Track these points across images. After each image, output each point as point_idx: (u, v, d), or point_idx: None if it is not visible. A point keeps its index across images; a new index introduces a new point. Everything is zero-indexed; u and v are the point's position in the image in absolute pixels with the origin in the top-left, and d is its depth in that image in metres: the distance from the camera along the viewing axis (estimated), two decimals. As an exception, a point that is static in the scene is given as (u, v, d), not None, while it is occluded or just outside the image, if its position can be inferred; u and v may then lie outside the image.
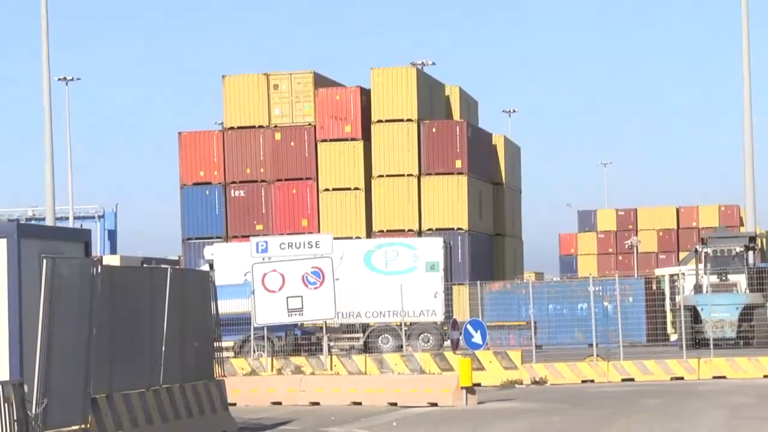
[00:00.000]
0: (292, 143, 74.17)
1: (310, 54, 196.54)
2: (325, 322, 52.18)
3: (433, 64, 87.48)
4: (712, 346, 50.29)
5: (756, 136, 69.96)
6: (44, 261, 25.63)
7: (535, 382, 46.91)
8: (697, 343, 52.95)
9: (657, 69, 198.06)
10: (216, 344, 34.76)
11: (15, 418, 24.19)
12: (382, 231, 71.32)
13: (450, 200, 73.55)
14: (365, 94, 74.89)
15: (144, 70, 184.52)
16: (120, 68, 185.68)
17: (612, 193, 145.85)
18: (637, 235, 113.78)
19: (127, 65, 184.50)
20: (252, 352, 51.73)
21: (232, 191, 74.14)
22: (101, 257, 52.74)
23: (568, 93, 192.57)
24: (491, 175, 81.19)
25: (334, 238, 55.13)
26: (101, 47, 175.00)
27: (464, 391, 38.37)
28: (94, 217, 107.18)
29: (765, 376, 46.55)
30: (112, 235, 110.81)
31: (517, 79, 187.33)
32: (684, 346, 50.58)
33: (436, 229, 70.43)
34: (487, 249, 78.09)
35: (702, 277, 59.98)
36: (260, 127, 74.47)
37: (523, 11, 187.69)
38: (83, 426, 26.12)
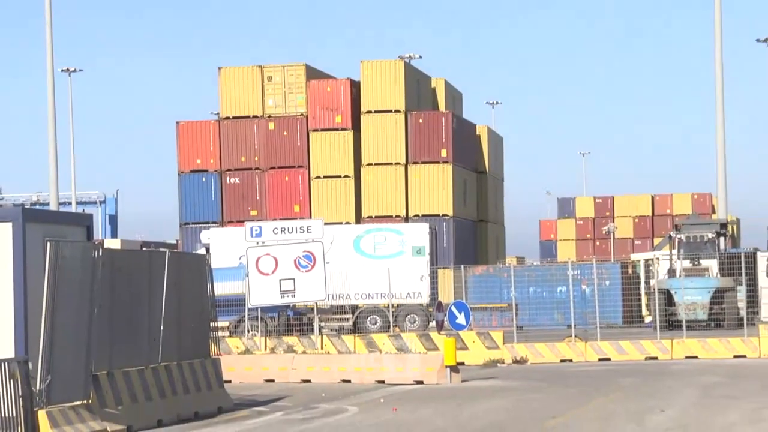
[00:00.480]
0: (285, 133, 74.11)
1: (303, 47, 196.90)
2: (316, 303, 52.07)
3: (420, 57, 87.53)
4: (684, 328, 50.30)
5: (727, 128, 70.07)
6: (48, 244, 25.50)
7: (516, 362, 46.84)
8: (671, 324, 52.93)
9: (634, 62, 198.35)
10: (212, 324, 34.71)
11: (20, 393, 24.13)
12: (370, 217, 71.26)
13: (435, 188, 73.51)
14: (355, 86, 74.86)
15: (143, 63, 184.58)
16: (120, 61, 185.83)
17: (590, 181, 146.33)
18: (613, 222, 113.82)
19: (128, 58, 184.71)
20: (246, 331, 51.71)
21: (228, 178, 74.08)
22: (102, 241, 52.75)
23: (548, 85, 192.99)
24: (475, 164, 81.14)
25: (325, 224, 54.98)
26: (103, 40, 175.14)
27: (448, 369, 38.28)
28: (95, 203, 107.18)
29: (735, 357, 46.54)
30: (113, 220, 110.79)
31: (500, 72, 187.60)
32: (658, 327, 50.59)
33: (423, 216, 70.33)
34: (470, 234, 78.04)
35: (675, 262, 60.00)
36: (254, 117, 74.39)
37: (506, 9, 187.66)
38: (85, 401, 26.04)
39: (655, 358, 46.84)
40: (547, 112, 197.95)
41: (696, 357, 46.68)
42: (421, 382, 37.87)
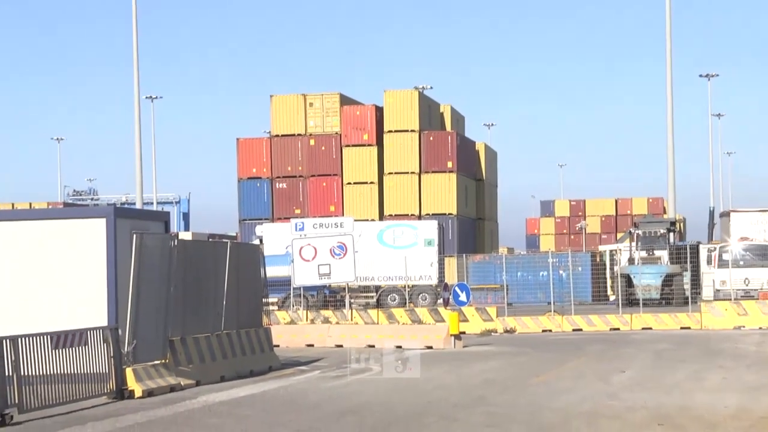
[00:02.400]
0: (323, 148, 74.11)
1: (337, 79, 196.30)
2: (347, 283, 52.03)
3: (431, 87, 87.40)
4: (641, 305, 50.21)
5: (676, 145, 70.00)
6: (134, 236, 25.54)
7: (506, 331, 46.78)
8: (630, 302, 52.77)
9: (601, 93, 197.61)
10: (264, 300, 34.77)
11: (112, 354, 24.17)
12: (390, 215, 71.19)
13: (443, 192, 73.43)
14: (379, 111, 74.81)
15: (212, 91, 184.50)
16: (193, 90, 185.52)
17: (566, 187, 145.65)
18: (585, 220, 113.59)
19: (199, 87, 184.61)
20: (291, 306, 51.70)
21: (277, 184, 74.07)
22: (177, 233, 52.71)
23: (534, 110, 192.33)
24: (474, 173, 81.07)
25: (355, 221, 54.97)
26: (178, 73, 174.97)
27: (453, 337, 38.26)
28: (172, 202, 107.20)
29: (681, 328, 46.43)
30: (186, 217, 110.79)
31: (496, 99, 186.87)
32: (620, 304, 50.44)
33: (432, 214, 70.23)
34: (470, 229, 77.97)
35: (634, 252, 59.84)
36: (298, 135, 74.36)
37: (502, 49, 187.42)
38: (163, 361, 26.07)
39: (618, 329, 46.74)
40: (531, 132, 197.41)
41: (650, 328, 46.58)
42: (431, 347, 37.83)
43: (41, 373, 21.95)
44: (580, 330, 46.96)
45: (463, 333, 40.27)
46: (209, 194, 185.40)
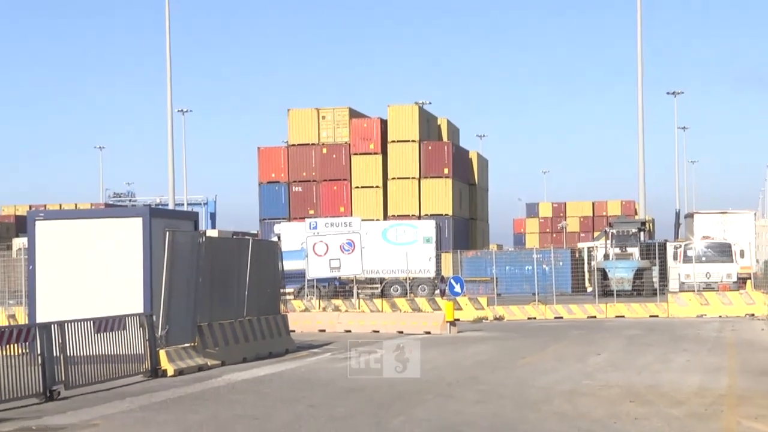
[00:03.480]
0: (334, 156, 74.09)
1: (347, 95, 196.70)
2: (355, 276, 52.10)
3: (430, 102, 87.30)
4: (615, 296, 50.20)
5: (646, 154, 70.18)
6: (167, 233, 25.57)
7: (496, 318, 46.85)
8: (605, 293, 52.78)
9: (579, 107, 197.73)
10: (281, 290, 34.79)
11: (147, 338, 24.22)
12: (393, 215, 71.10)
13: (440, 195, 73.40)
14: (383, 123, 74.78)
15: (236, 106, 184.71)
16: (219, 103, 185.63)
17: (549, 191, 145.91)
18: (565, 220, 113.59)
19: (224, 100, 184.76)
20: (306, 296, 51.72)
21: (293, 187, 74.06)
22: (205, 231, 52.91)
23: (520, 123, 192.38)
24: (468, 179, 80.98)
25: (362, 220, 54.95)
26: (207, 90, 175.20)
27: (448, 323, 38.27)
28: (200, 204, 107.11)
29: (650, 316, 46.51)
30: (213, 216, 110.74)
31: (487, 114, 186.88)
32: (596, 295, 50.54)
33: (430, 215, 70.13)
34: (464, 228, 77.90)
35: (609, 249, 59.90)
36: (312, 144, 74.34)
37: (493, 71, 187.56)
38: (192, 344, 26.10)
39: (594, 317, 46.82)
40: (518, 142, 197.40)
41: (623, 316, 46.65)
42: (429, 333, 37.87)
43: (85, 354, 22.02)
44: (561, 318, 47.03)
45: (458, 320, 40.25)
46: (233, 196, 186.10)
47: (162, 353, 24.63)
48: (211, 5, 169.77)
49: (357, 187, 73.81)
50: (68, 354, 21.36)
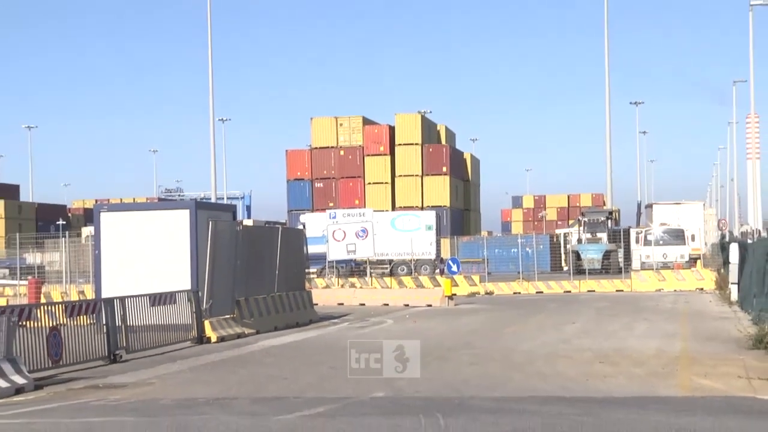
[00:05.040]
0: (350, 157, 74.23)
1: (360, 104, 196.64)
2: (368, 258, 52.19)
3: (431, 111, 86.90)
4: (587, 273, 50.09)
5: (613, 154, 70.12)
6: (210, 222, 25.60)
7: (487, 293, 46.79)
8: (579, 271, 52.62)
9: (558, 113, 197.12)
10: (306, 270, 34.83)
11: (194, 310, 24.28)
12: (400, 207, 71.26)
13: (439, 190, 73.54)
14: (391, 129, 74.96)
15: (267, 114, 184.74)
16: (255, 111, 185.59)
17: (532, 186, 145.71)
18: (545, 210, 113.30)
19: (258, 109, 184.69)
20: (326, 275, 51.80)
21: (315, 183, 74.22)
22: (242, 220, 53.06)
23: (507, 128, 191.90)
24: (463, 176, 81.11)
25: (373, 211, 55.09)
26: (243, 100, 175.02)
27: (447, 298, 38.25)
28: (238, 198, 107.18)
29: (617, 291, 46.38)
30: (248, 208, 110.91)
31: (479, 119, 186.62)
32: (571, 273, 50.40)
33: (432, 206, 70.26)
34: (460, 218, 78.03)
35: (582, 234, 59.83)
36: (332, 147, 74.51)
37: (484, 84, 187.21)
38: (231, 315, 26.15)
39: (570, 292, 46.73)
40: (505, 145, 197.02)
41: (594, 291, 46.56)
42: (430, 305, 37.85)
43: (142, 324, 22.08)
44: (542, 292, 46.96)
45: (455, 295, 40.27)
46: (265, 191, 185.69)
47: (206, 323, 24.69)
48: (248, 31, 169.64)
49: (369, 183, 73.95)
50: (128, 324, 21.42)
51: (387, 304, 38.75)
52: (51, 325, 19.14)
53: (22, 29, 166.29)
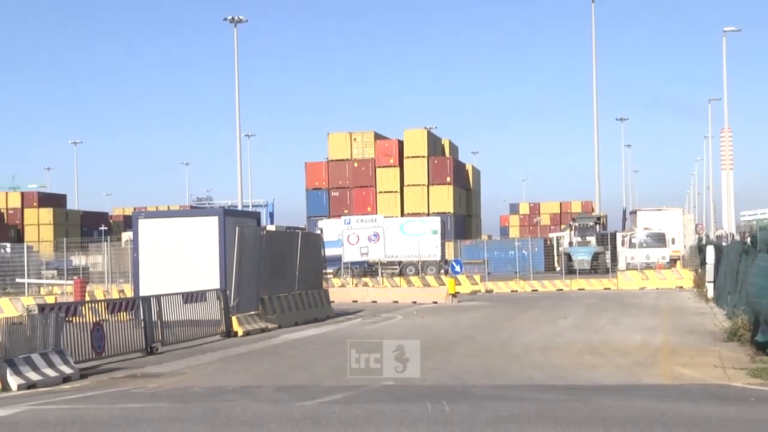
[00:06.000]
0: (363, 168, 74.11)
1: (372, 120, 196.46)
2: (379, 259, 52.17)
3: (435, 127, 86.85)
4: (577, 273, 50.17)
5: (601, 165, 70.02)
6: (237, 228, 25.65)
7: (487, 291, 46.78)
8: (570, 271, 52.62)
9: (556, 128, 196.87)
10: (323, 271, 34.86)
11: (222, 307, 24.30)
12: (409, 213, 71.11)
13: (443, 198, 73.35)
14: (400, 143, 74.79)
15: (288, 130, 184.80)
16: (277, 128, 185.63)
17: (527, 194, 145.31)
18: (539, 216, 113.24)
19: (280, 125, 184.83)
20: (342, 275, 51.78)
21: (332, 192, 74.10)
22: (265, 226, 53.12)
23: (505, 142, 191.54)
24: (465, 185, 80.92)
25: (384, 217, 55.04)
26: (266, 117, 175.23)
27: (451, 296, 38.30)
28: (261, 205, 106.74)
29: (604, 289, 46.32)
30: (271, 215, 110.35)
31: (480, 133, 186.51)
32: (563, 273, 50.37)
33: (437, 213, 70.14)
34: (462, 223, 77.83)
35: (573, 238, 59.71)
36: (346, 159, 74.41)
37: (482, 103, 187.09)
38: (256, 312, 26.17)
39: (562, 290, 46.70)
40: (504, 157, 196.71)
41: (583, 289, 46.50)
42: (436, 302, 37.87)
43: (176, 320, 22.11)
44: (536, 290, 46.93)
45: (458, 293, 40.28)
46: (287, 199, 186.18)
47: (234, 319, 24.71)
48: (272, 56, 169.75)
49: (380, 192, 73.85)
50: (163, 319, 21.46)
51: (396, 302, 38.75)
52: (94, 320, 19.18)
53: (69, 54, 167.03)
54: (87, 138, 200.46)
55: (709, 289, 34.74)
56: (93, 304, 20.30)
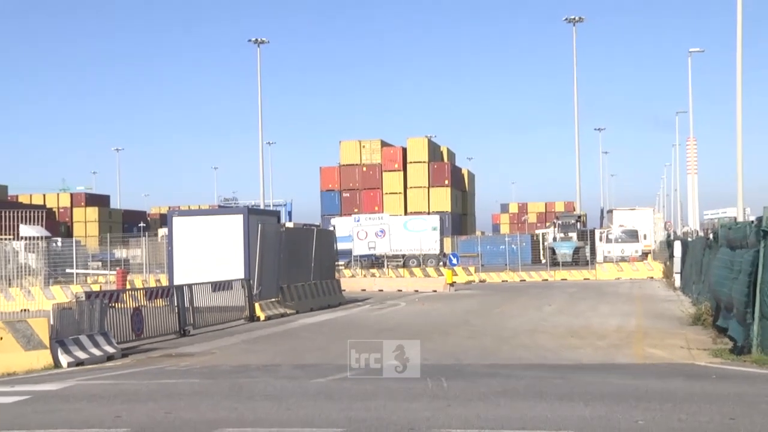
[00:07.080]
0: (371, 172, 74.11)
1: (379, 130, 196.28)
2: (385, 253, 52.15)
3: (435, 136, 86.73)
4: (561, 265, 50.17)
5: (581, 169, 69.83)
6: (259, 225, 25.67)
7: (480, 281, 46.77)
8: (554, 264, 52.66)
9: (541, 137, 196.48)
10: (336, 263, 34.84)
11: (247, 294, 24.30)
12: (412, 212, 71.08)
13: (442, 199, 73.31)
14: (404, 150, 74.76)
15: (304, 138, 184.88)
16: (294, 137, 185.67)
17: (517, 195, 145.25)
18: (527, 215, 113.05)
19: (297, 134, 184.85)
20: (352, 266, 51.78)
21: (344, 194, 74.09)
22: (284, 223, 53.16)
23: (497, 148, 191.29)
24: (461, 187, 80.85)
25: (390, 215, 55.01)
26: (285, 127, 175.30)
27: (449, 285, 38.29)
28: (281, 205, 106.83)
29: (584, 279, 46.27)
30: (290, 213, 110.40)
31: (475, 140, 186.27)
32: (548, 265, 50.42)
33: (436, 212, 70.06)
34: (459, 221, 77.73)
35: (556, 234, 59.64)
36: (356, 164, 74.41)
37: (476, 114, 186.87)
38: (276, 299, 26.16)
39: (547, 280, 46.65)
40: (495, 162, 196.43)
41: (566, 279, 46.45)
42: (435, 291, 37.89)
43: (206, 306, 22.14)
44: (524, 280, 46.89)
45: (455, 282, 40.29)
46: (303, 199, 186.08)
47: (257, 305, 24.74)
48: (291, 71, 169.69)
49: (386, 193, 73.83)
50: (195, 305, 21.49)
51: (401, 290, 38.77)
52: (134, 306, 19.24)
53: (115, 70, 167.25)
54: (128, 145, 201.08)
55: (677, 279, 34.71)
56: (133, 292, 20.39)
